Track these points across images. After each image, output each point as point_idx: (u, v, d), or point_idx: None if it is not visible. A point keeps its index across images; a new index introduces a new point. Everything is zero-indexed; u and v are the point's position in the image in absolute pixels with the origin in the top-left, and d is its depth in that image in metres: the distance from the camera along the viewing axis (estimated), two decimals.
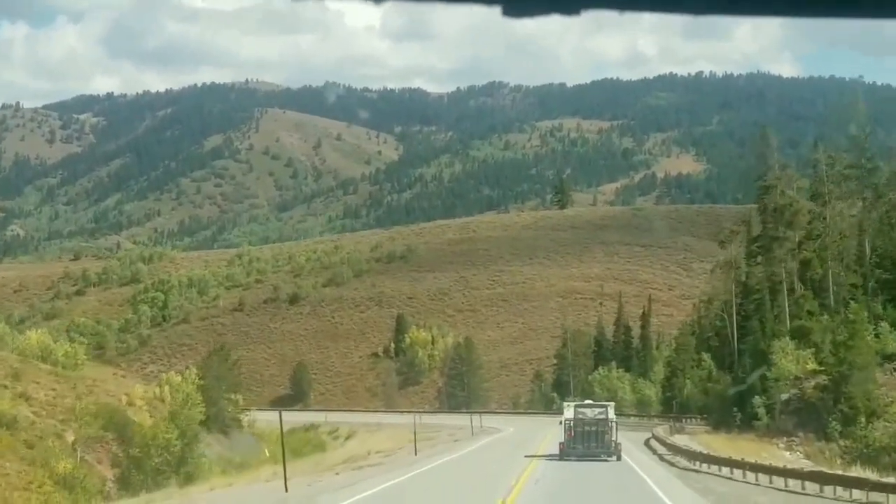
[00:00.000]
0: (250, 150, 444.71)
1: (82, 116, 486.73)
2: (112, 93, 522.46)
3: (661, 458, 47.26)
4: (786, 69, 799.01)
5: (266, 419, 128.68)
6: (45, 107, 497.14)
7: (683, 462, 43.14)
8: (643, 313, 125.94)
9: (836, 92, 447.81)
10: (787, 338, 60.12)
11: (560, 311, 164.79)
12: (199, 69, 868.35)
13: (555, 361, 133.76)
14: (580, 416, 49.00)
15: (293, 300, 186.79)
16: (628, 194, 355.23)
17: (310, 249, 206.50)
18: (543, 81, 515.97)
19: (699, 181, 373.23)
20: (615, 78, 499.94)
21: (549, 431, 71.59)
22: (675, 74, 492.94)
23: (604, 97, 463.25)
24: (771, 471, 34.21)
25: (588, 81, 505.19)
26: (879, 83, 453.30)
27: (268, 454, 62.77)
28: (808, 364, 57.48)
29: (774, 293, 70.56)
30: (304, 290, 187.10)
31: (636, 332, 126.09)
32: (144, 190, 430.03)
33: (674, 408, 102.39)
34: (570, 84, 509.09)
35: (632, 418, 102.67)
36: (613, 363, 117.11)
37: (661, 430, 61.27)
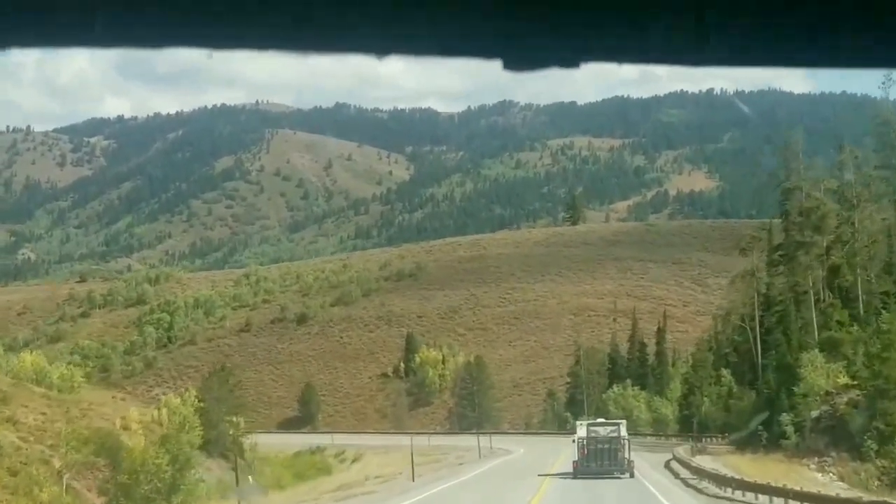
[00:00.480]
0: (261, 171, 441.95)
1: (93, 140, 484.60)
2: (122, 115, 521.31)
3: (686, 482, 42.63)
4: (798, 86, 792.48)
5: (271, 443, 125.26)
6: (55, 130, 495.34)
7: (712, 488, 38.62)
8: (658, 329, 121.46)
9: (849, 108, 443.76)
10: (817, 350, 55.75)
11: (573, 328, 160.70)
12: (209, 91, 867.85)
13: (568, 380, 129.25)
14: (593, 434, 49.65)
15: (301, 320, 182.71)
16: (641, 212, 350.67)
17: (318, 269, 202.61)
18: (554, 100, 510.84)
19: (712, 198, 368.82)
20: (626, 96, 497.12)
21: (561, 452, 67.27)
22: (686, 91, 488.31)
23: (615, 115, 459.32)
24: (819, 500, 29.51)
25: (599, 99, 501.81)
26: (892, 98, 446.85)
27: (251, 481, 58.38)
28: (839, 378, 53.12)
29: (799, 304, 66.23)
30: (312, 309, 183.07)
31: (651, 348, 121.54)
32: (155, 212, 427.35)
33: (693, 427, 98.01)
34: (581, 102, 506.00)
35: (648, 438, 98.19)
36: (628, 381, 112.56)
37: (682, 450, 56.67)
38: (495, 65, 1.94)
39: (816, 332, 60.01)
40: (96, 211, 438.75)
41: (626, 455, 48.60)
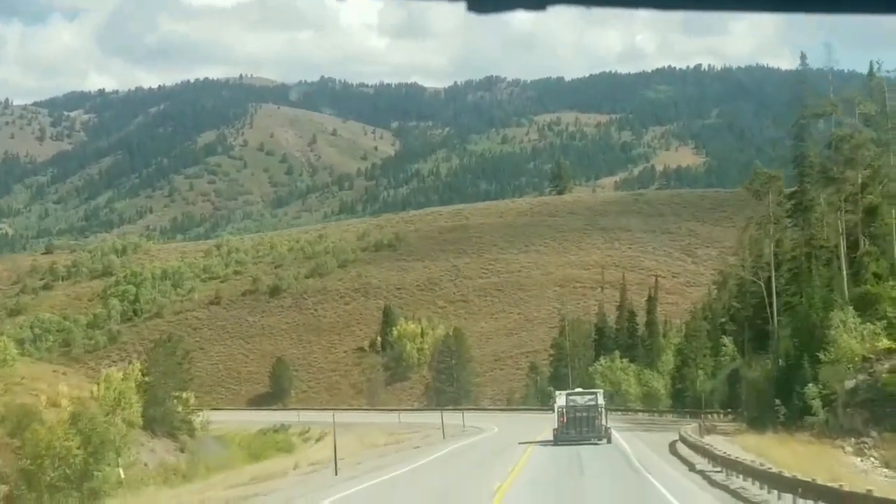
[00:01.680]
0: (244, 146, 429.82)
1: (73, 114, 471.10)
2: (104, 89, 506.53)
3: (709, 478, 30.64)
4: (785, 62, 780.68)
5: (239, 420, 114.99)
6: (35, 104, 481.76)
7: (753, 489, 26.54)
8: (649, 297, 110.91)
9: (837, 84, 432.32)
10: (850, 308, 45.14)
11: (558, 300, 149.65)
12: (195, 67, 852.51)
13: (552, 352, 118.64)
14: (571, 403, 51.02)
15: (274, 292, 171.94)
16: (627, 187, 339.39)
17: (292, 239, 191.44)
18: (541, 76, 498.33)
19: (699, 174, 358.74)
20: (613, 72, 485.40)
21: (540, 432, 56.75)
22: (674, 68, 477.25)
23: (602, 91, 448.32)
24: None
25: (586, 75, 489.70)
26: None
27: (121, 475, 47.83)
28: (878, 341, 42.60)
29: (815, 259, 55.67)
30: (285, 281, 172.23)
31: (641, 318, 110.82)
32: (136, 187, 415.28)
33: (686, 402, 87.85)
34: (568, 78, 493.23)
35: (640, 415, 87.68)
36: (617, 353, 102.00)
37: (690, 430, 45.63)
38: (459, 7, 1.81)
39: (846, 288, 49.46)
40: (76, 186, 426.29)
41: (604, 422, 50.31)
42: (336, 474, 35.00)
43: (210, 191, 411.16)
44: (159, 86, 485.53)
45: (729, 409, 63.73)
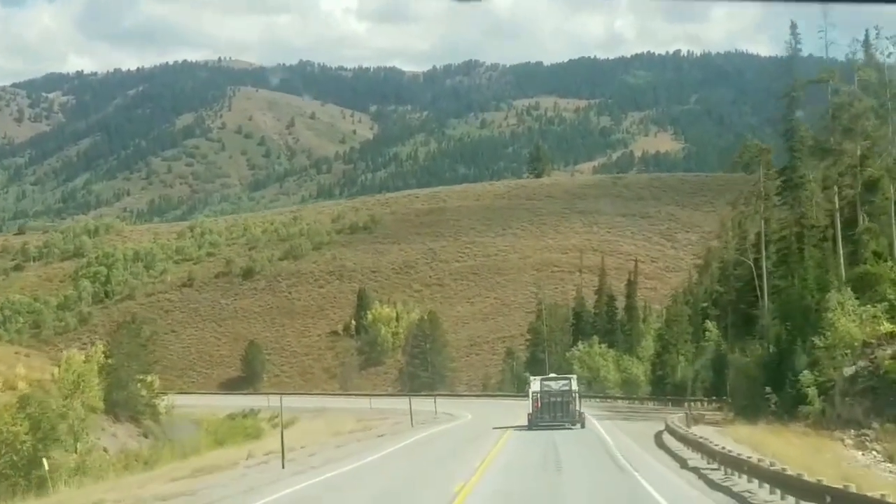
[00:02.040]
0: (222, 128, 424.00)
1: (51, 95, 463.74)
2: (82, 71, 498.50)
3: (705, 478, 26.40)
4: (763, 49, 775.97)
5: (209, 404, 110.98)
6: (13, 85, 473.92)
7: (761, 493, 22.20)
8: (629, 280, 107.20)
9: (816, 70, 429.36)
10: (848, 289, 41.54)
11: (535, 284, 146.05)
12: (175, 50, 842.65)
13: (528, 337, 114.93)
14: (546, 388, 51.41)
15: (247, 274, 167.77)
16: (606, 172, 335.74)
17: (266, 221, 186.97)
18: (520, 61, 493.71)
19: (677, 160, 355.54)
20: (593, 57, 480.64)
21: (514, 419, 52.98)
22: (654, 53, 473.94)
23: (581, 76, 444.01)
24: None
25: (565, 60, 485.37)
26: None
27: (45, 465, 44.00)
28: (879, 325, 39.06)
29: (808, 239, 52.06)
30: (258, 263, 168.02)
31: (621, 303, 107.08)
32: (114, 169, 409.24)
33: (666, 389, 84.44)
34: (547, 63, 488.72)
35: (620, 402, 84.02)
36: (595, 338, 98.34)
37: (676, 419, 41.69)
38: None
39: (843, 268, 45.82)
40: (53, 167, 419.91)
41: (577, 407, 50.94)
42: (283, 467, 31.23)
43: (188, 173, 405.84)
44: (138, 68, 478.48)
45: (713, 397, 60.28)
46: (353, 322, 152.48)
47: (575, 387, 51.61)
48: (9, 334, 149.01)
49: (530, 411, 50.54)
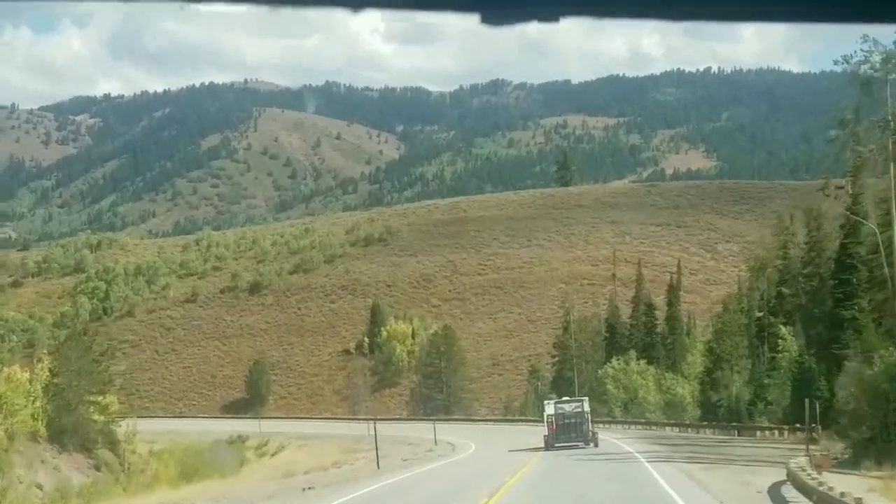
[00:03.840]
0: (248, 149, 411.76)
1: (79, 118, 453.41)
2: (109, 94, 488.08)
3: None
4: (795, 65, 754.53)
5: (202, 430, 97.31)
6: (41, 108, 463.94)
7: None
8: (670, 286, 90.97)
9: (849, 88, 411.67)
10: None
11: (563, 299, 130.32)
12: (203, 74, 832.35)
13: (555, 353, 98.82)
14: (560, 411, 53.66)
15: (254, 289, 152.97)
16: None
17: (277, 233, 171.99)
18: (548, 79, 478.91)
19: (710, 177, 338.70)
20: (621, 75, 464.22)
21: (526, 456, 37.22)
22: (683, 70, 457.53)
23: (610, 94, 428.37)
24: None
25: (593, 79, 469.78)
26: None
27: None
28: None
29: None
30: (266, 277, 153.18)
31: (661, 311, 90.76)
32: (139, 191, 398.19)
33: (719, 413, 68.46)
34: (575, 81, 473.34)
35: (669, 430, 67.81)
36: (632, 353, 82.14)
37: (795, 465, 24.28)
38: (473, 19, 1.79)
39: None
40: (80, 189, 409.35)
41: (590, 428, 53.16)
42: None
43: (213, 195, 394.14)
44: (165, 90, 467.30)
45: (797, 425, 44.52)
46: (367, 340, 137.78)
47: (587, 409, 53.86)
48: (1, 353, 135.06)
49: (546, 433, 52.55)
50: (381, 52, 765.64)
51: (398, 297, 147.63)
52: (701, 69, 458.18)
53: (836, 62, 45.01)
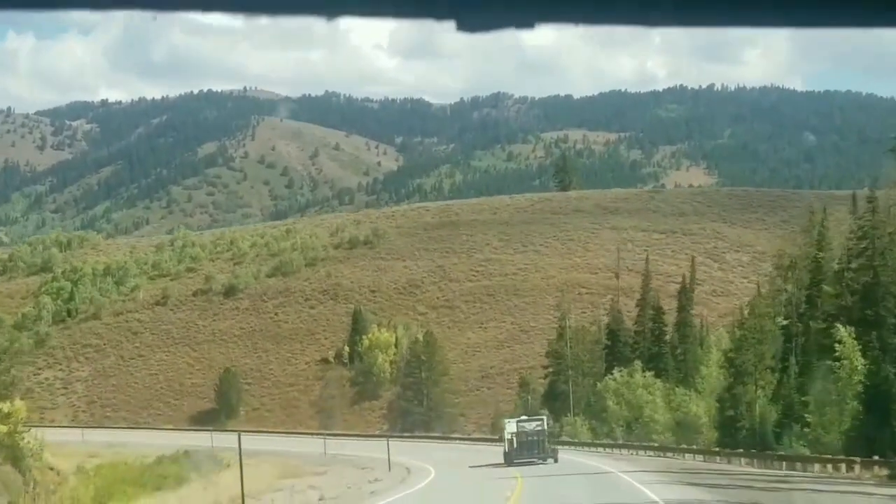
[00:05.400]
0: (245, 158, 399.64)
1: (75, 123, 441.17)
2: (107, 100, 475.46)
3: None
4: (798, 84, 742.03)
5: (153, 443, 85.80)
6: (37, 113, 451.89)
7: None
8: (682, 288, 78.11)
9: (853, 106, 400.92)
10: None
11: (558, 308, 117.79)
12: (203, 83, 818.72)
13: (548, 363, 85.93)
14: (521, 429, 55.54)
15: (229, 293, 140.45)
16: None
17: (257, 234, 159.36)
18: (549, 94, 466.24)
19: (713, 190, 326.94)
20: (623, 90, 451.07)
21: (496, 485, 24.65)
22: (686, 87, 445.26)
23: (611, 109, 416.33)
24: None
25: (595, 94, 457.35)
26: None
27: None
28: None
29: None
30: (242, 280, 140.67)
31: (670, 317, 77.81)
32: (134, 198, 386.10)
33: (741, 436, 55.96)
34: (576, 96, 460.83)
35: (687, 459, 54.88)
36: (638, 363, 69.24)
37: None
38: (449, 26, 1.77)
39: None
40: (74, 195, 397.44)
41: (549, 445, 55.71)
42: None
43: (208, 202, 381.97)
44: (163, 97, 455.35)
45: (874, 456, 32.07)
46: (347, 348, 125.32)
47: (546, 427, 56.63)
48: None
49: (506, 449, 54.08)
50: (382, 66, 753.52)
51: (382, 303, 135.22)
52: (703, 86, 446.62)
53: None
